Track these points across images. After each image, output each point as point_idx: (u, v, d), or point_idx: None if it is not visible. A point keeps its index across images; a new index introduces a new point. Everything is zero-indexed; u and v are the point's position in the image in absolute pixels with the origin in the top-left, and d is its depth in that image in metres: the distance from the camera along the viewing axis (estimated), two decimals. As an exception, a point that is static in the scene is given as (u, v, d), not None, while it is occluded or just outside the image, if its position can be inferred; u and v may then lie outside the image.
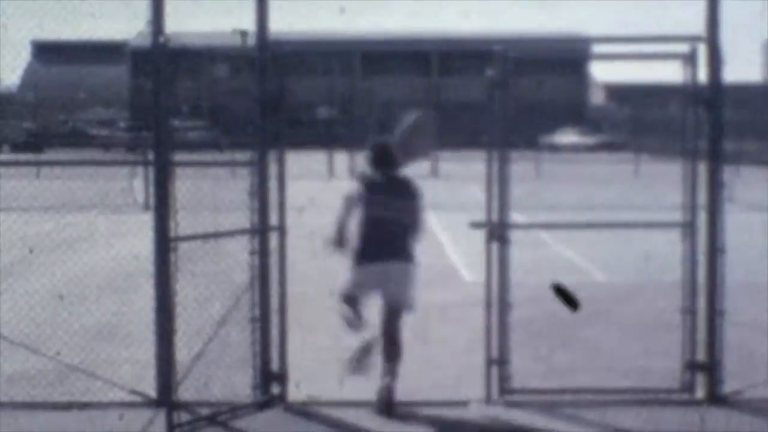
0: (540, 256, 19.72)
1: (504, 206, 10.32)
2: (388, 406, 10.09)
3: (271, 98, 10.06)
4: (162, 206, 9.30)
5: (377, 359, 10.50)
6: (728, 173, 10.60)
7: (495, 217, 10.33)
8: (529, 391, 10.51)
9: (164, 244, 9.25)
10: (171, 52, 9.22)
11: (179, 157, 9.64)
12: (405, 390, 10.71)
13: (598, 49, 10.99)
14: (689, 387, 10.47)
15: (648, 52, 10.39)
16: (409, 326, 14.12)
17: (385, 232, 10.27)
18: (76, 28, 11.23)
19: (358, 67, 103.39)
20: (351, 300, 10.52)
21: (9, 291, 15.25)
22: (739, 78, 12.19)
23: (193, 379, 10.00)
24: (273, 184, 10.25)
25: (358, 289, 10.45)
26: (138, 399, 10.20)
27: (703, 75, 10.03)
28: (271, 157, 10.20)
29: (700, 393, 10.44)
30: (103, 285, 16.92)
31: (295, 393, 10.51)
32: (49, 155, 51.20)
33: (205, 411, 9.76)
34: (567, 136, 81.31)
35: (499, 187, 10.27)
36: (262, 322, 10.19)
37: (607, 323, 14.05)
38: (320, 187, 36.81)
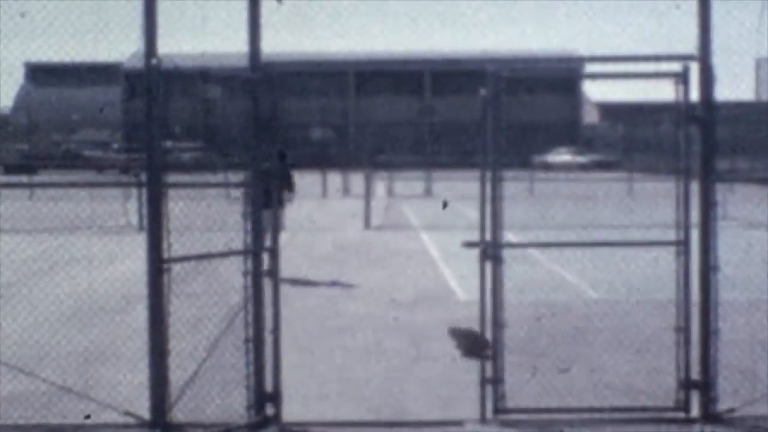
0: (533, 275, 19.74)
1: (497, 226, 10.33)
2: None
3: (263, 119, 10.07)
4: (155, 228, 9.29)
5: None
6: (721, 191, 10.63)
7: (488, 236, 10.33)
8: (523, 411, 10.50)
9: (157, 266, 9.25)
10: (164, 74, 9.24)
11: (172, 178, 9.65)
12: (398, 410, 10.70)
13: (590, 68, 11.01)
14: (684, 405, 10.46)
15: (640, 71, 10.41)
16: (403, 346, 14.15)
17: None
18: (69, 49, 11.24)
19: (351, 88, 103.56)
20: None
21: (2, 313, 15.23)
22: (731, 96, 12.21)
23: (186, 400, 9.99)
24: (266, 205, 10.24)
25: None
26: (132, 420, 10.16)
27: (695, 93, 10.06)
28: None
29: (694, 411, 10.43)
30: (96, 306, 16.89)
31: (290, 414, 10.49)
32: (42, 177, 51.15)
33: (199, 432, 9.74)
34: (560, 155, 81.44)
35: (493, 206, 10.28)
36: (255, 342, 10.17)
37: (601, 342, 14.04)
38: (314, 208, 36.76)
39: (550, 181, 52.06)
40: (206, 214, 10.85)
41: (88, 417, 10.34)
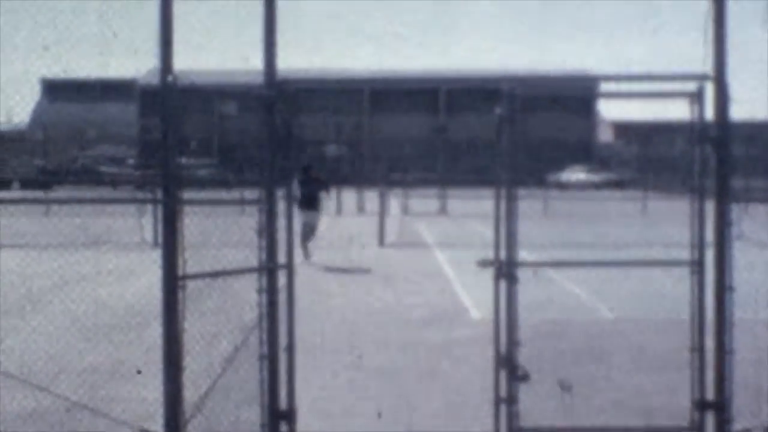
0: (548, 294, 19.71)
1: (512, 244, 10.31)
2: None
3: (279, 136, 10.08)
4: (170, 244, 9.30)
5: None
6: (736, 211, 10.59)
7: (503, 254, 10.31)
8: (538, 430, 10.47)
9: (172, 282, 9.25)
10: (180, 90, 9.25)
11: (188, 194, 9.67)
12: (412, 428, 10.68)
13: (605, 87, 11.00)
14: (699, 425, 10.42)
15: (655, 90, 10.40)
16: (416, 364, 14.14)
17: None
18: (85, 65, 11.28)
19: (366, 105, 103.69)
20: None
21: (18, 328, 15.26)
22: (747, 115, 12.19)
23: (201, 417, 9.99)
24: (281, 222, 10.25)
25: None
26: (146, 437, 10.17)
27: (710, 113, 10.04)
28: (280, 195, 10.21)
29: (709, 431, 10.39)
30: (111, 322, 16.92)
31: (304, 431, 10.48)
32: (58, 192, 51.29)
33: (212, 449, 9.74)
34: (575, 174, 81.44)
35: (507, 224, 10.26)
36: (270, 360, 10.17)
37: (616, 361, 14.01)
38: (328, 225, 36.77)
39: (565, 199, 52.01)
40: (221, 231, 10.86)
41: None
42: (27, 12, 10.05)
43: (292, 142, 10.25)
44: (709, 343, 10.27)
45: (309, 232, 28.94)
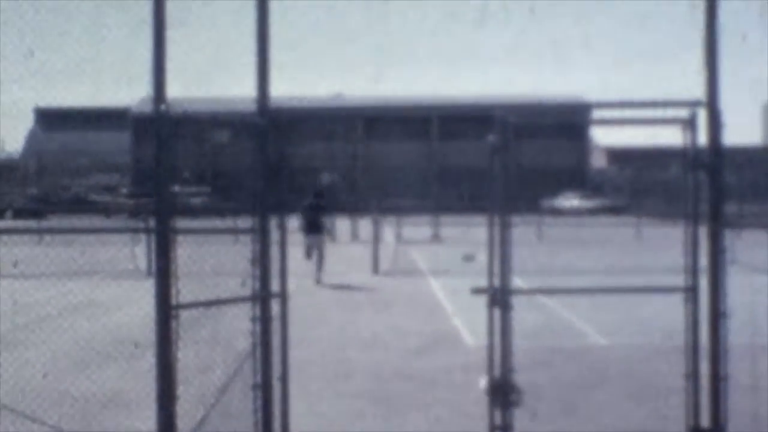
0: (542, 321, 19.69)
1: (506, 271, 10.30)
2: None
3: (272, 164, 10.07)
4: (163, 273, 9.28)
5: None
6: (730, 236, 10.60)
7: (497, 281, 10.30)
8: (532, 457, 10.44)
9: (165, 312, 9.23)
10: (172, 119, 9.25)
11: (181, 223, 9.65)
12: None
13: (598, 113, 11.01)
14: (694, 452, 10.39)
15: (648, 116, 10.41)
16: (411, 391, 14.11)
17: None
18: (78, 94, 11.29)
19: (359, 133, 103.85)
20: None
21: (10, 359, 15.21)
22: (740, 141, 12.22)
23: (194, 447, 9.95)
24: (275, 251, 10.23)
25: None
26: (139, 467, 10.13)
27: (703, 138, 10.05)
28: (273, 224, 10.19)
29: (705, 458, 10.36)
30: (104, 352, 16.87)
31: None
32: (51, 221, 51.24)
33: (206, 479, 9.69)
34: (568, 200, 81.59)
35: (501, 251, 10.25)
36: (264, 389, 10.14)
37: (610, 388, 13.98)
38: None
39: (559, 225, 52.05)
40: (215, 259, 10.84)
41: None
42: (21, 40, 10.05)
43: (285, 170, 10.24)
44: (704, 369, 10.25)
45: (318, 257, 30.68)
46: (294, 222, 23.21)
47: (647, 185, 73.12)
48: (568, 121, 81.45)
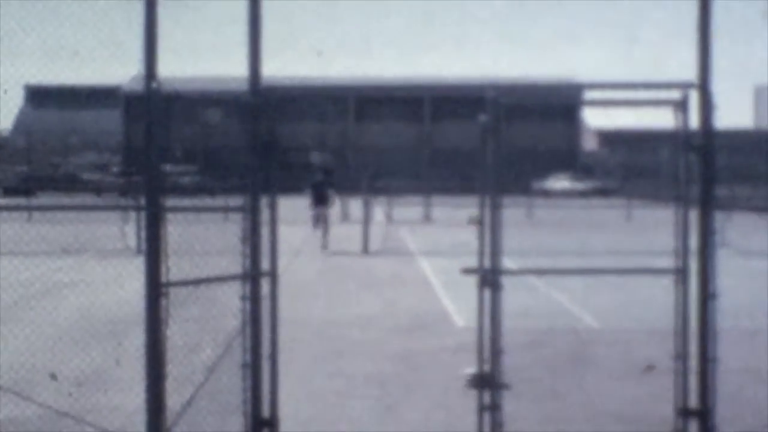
0: (532, 302, 19.70)
1: (496, 252, 10.29)
2: None
3: (263, 143, 10.05)
4: (153, 251, 9.26)
5: None
6: (720, 219, 10.60)
7: (487, 262, 10.29)
8: (521, 438, 10.45)
9: (155, 290, 9.21)
10: (164, 97, 9.21)
11: (171, 202, 9.62)
12: (397, 436, 10.66)
13: (590, 95, 11.00)
14: (682, 434, 10.41)
15: (640, 98, 10.40)
16: (400, 372, 14.12)
17: None
18: (69, 72, 11.25)
19: (351, 113, 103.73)
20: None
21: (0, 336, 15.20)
22: (731, 124, 12.23)
23: (183, 426, 9.95)
24: (265, 230, 10.22)
25: None
26: (128, 445, 10.13)
27: (694, 121, 10.04)
28: (263, 202, 10.17)
29: (693, 439, 10.39)
30: (93, 330, 16.85)
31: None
32: (41, 199, 51.14)
33: (195, 457, 9.70)
34: (559, 182, 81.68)
35: (491, 232, 10.24)
36: (253, 368, 10.13)
37: (600, 369, 14.01)
38: (312, 233, 36.71)
39: (549, 207, 52.10)
40: (204, 238, 10.82)
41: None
42: (11, 17, 10.01)
43: (276, 149, 10.22)
44: (693, 351, 10.27)
45: (324, 227, 35.37)
46: (291, 200, 23.20)
47: (638, 167, 73.21)
48: (559, 103, 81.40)
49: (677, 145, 10.26)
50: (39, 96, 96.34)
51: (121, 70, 10.82)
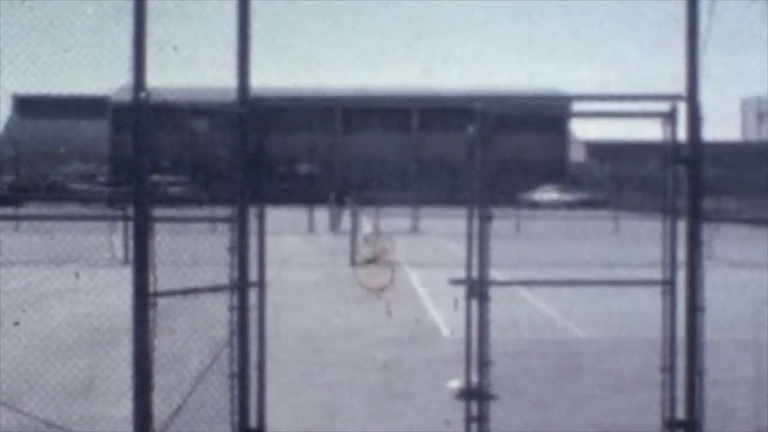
0: (520, 313, 19.70)
1: (484, 263, 10.30)
2: None
3: (251, 154, 10.04)
4: (140, 261, 9.25)
5: None
6: (708, 231, 10.60)
7: (475, 273, 10.30)
8: (508, 449, 10.45)
9: (142, 300, 9.20)
10: (152, 108, 9.20)
11: (159, 212, 9.61)
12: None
13: (578, 107, 11.02)
14: (669, 445, 10.41)
15: (628, 110, 10.42)
16: (388, 383, 14.11)
17: None
18: (57, 82, 11.22)
19: (338, 123, 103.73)
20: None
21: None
22: (719, 136, 12.25)
23: (170, 436, 9.93)
24: (253, 240, 10.21)
25: None
26: (115, 456, 10.11)
27: (682, 133, 10.06)
28: (251, 213, 10.17)
29: (680, 451, 10.39)
30: (81, 340, 16.82)
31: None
32: (29, 209, 51.00)
33: (182, 468, 9.68)
34: (547, 193, 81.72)
35: (479, 243, 10.25)
36: (240, 378, 10.12)
37: (587, 380, 14.02)
38: (300, 243, 36.69)
39: (537, 219, 52.12)
40: (193, 248, 10.81)
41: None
42: (-1, 28, 10.01)
43: (263, 159, 10.22)
44: (681, 362, 10.28)
45: (338, 221, 49.20)
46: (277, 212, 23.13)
47: (626, 179, 73.28)
48: (548, 114, 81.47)
49: (665, 156, 10.28)
50: (27, 106, 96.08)
51: (109, 80, 10.80)
